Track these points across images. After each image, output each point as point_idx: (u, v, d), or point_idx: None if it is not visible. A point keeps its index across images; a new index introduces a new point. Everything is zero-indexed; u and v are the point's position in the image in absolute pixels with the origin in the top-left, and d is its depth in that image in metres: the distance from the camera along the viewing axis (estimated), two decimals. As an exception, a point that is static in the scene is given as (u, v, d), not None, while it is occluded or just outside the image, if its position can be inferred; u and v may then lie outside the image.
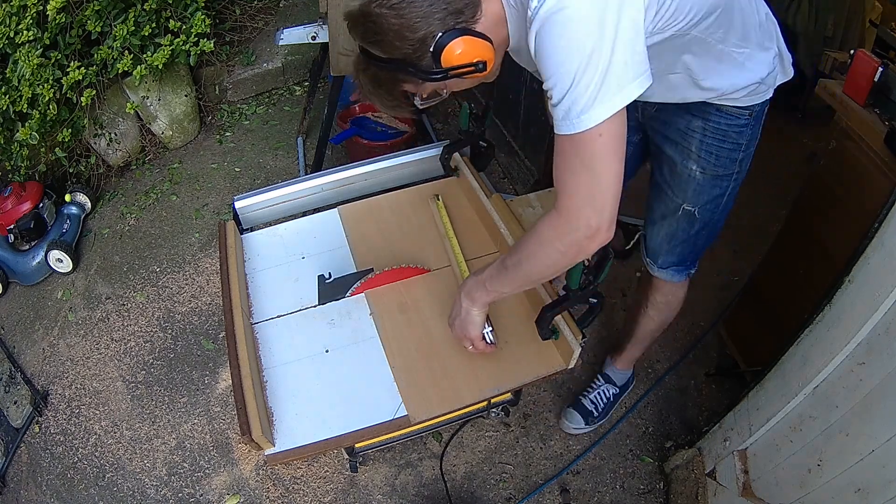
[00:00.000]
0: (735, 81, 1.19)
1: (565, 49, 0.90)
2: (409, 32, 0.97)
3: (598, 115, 0.90)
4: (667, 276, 1.57)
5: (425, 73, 1.01)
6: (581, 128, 0.92)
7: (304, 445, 1.15)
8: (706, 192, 1.36)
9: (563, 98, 0.92)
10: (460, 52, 0.98)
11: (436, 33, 0.97)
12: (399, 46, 0.98)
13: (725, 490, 1.48)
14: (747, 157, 1.33)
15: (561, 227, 1.00)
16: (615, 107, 0.91)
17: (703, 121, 1.28)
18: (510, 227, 1.42)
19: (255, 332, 1.33)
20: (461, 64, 0.99)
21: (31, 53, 2.30)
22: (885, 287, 1.01)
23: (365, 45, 1.02)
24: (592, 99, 0.90)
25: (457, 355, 1.27)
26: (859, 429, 1.07)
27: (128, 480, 1.92)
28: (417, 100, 1.09)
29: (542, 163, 2.37)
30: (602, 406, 1.91)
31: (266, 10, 3.35)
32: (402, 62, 1.00)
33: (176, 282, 2.43)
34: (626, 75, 0.91)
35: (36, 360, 2.28)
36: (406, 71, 1.01)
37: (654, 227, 1.51)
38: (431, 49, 0.98)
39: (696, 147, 1.31)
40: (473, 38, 0.98)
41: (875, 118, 1.38)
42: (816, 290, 1.24)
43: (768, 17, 1.21)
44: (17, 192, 2.50)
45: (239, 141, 3.01)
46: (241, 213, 1.55)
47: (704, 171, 1.33)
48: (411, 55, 0.99)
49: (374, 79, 1.07)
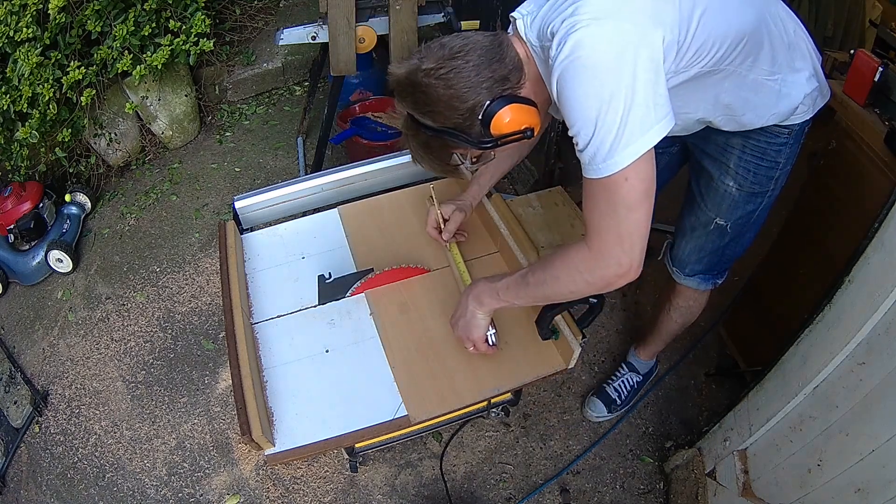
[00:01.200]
0: (775, 111, 1.18)
1: (584, 96, 0.90)
2: (458, 102, 0.99)
3: (623, 161, 0.91)
4: (693, 283, 1.57)
5: (476, 141, 1.03)
6: (607, 173, 0.92)
7: (304, 445, 1.15)
8: (740, 207, 1.36)
9: (587, 144, 0.92)
10: (509, 119, 1.00)
11: (484, 102, 0.99)
12: (449, 116, 1.00)
13: (725, 490, 1.48)
14: (784, 174, 1.32)
15: (591, 262, 1.00)
16: (639, 151, 0.90)
17: (742, 138, 1.27)
18: (510, 227, 1.42)
19: (255, 332, 1.33)
20: (511, 132, 1.01)
21: (30, 52, 2.30)
22: (885, 287, 1.01)
23: (418, 117, 1.04)
24: (616, 144, 0.90)
25: (457, 355, 1.27)
26: (859, 429, 1.07)
27: (128, 480, 1.92)
28: (468, 163, 1.11)
29: (543, 163, 2.37)
30: (625, 394, 1.93)
31: (266, 10, 3.35)
32: (452, 131, 1.02)
33: (176, 282, 2.43)
34: (648, 118, 0.90)
35: (36, 360, 2.28)
36: (457, 138, 1.03)
37: (685, 237, 1.51)
38: (480, 117, 1.00)
39: (735, 164, 1.31)
40: (520, 106, 1.00)
41: (875, 118, 1.38)
42: (816, 290, 1.24)
43: (797, 34, 1.18)
44: (17, 192, 2.50)
45: (239, 141, 3.01)
46: (241, 213, 1.55)
47: (741, 188, 1.33)
48: (461, 124, 1.01)
49: (424, 145, 1.09)
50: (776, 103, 1.17)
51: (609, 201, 0.95)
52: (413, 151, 1.12)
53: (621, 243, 0.96)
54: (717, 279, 1.56)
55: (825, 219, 1.55)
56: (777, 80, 1.14)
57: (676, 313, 1.69)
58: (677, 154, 1.47)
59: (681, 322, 1.71)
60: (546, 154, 2.31)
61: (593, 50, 0.88)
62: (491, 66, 1.00)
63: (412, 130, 1.07)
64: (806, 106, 1.21)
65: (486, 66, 0.99)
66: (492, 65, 1.00)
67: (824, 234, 1.55)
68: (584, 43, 0.89)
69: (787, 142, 1.26)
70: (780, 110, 1.19)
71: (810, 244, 1.61)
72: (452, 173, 1.16)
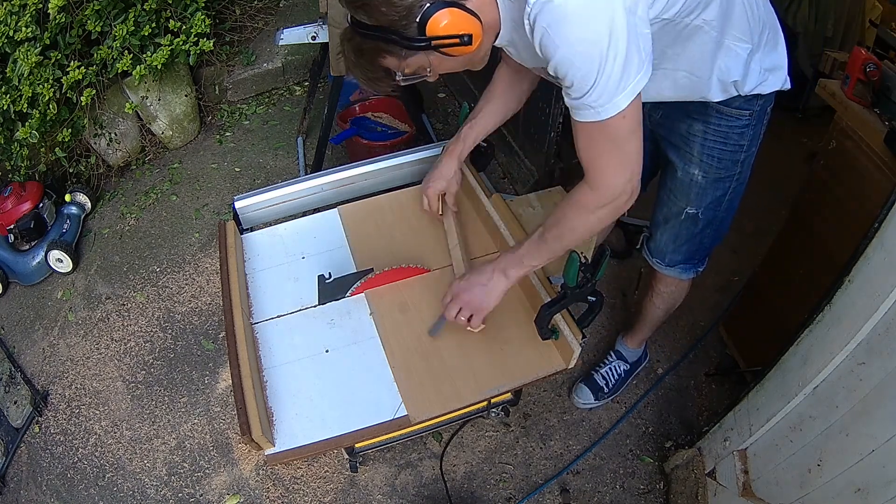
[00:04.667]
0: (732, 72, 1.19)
1: (579, 43, 0.92)
2: None
3: (622, 102, 0.96)
4: (675, 273, 1.59)
5: (408, 40, 0.99)
6: (607, 115, 0.97)
7: (304, 445, 1.15)
8: (709, 194, 1.38)
9: (586, 92, 0.95)
10: (446, 23, 0.97)
11: (424, 3, 0.96)
12: (385, 13, 0.97)
13: (725, 490, 1.48)
14: (749, 157, 1.34)
15: (599, 199, 1.07)
16: (635, 91, 0.96)
17: (703, 124, 1.29)
18: (510, 226, 1.42)
19: (255, 332, 1.33)
20: (446, 34, 0.98)
21: (30, 52, 2.30)
22: (885, 287, 1.01)
23: (352, 12, 1.01)
24: (615, 89, 0.94)
25: (457, 355, 1.27)
26: (859, 429, 1.07)
27: (128, 480, 1.92)
28: (399, 74, 1.07)
29: (542, 163, 2.37)
30: (613, 382, 1.94)
31: (266, 10, 3.35)
32: (386, 30, 0.99)
33: (176, 282, 2.43)
34: (638, 60, 0.95)
35: (36, 360, 2.28)
36: (389, 40, 1.00)
37: (659, 229, 1.54)
38: (418, 19, 0.97)
39: (698, 151, 1.33)
40: (461, 12, 0.98)
41: (875, 118, 1.38)
42: (816, 290, 1.24)
43: (769, 13, 1.21)
44: (17, 192, 2.50)
45: (239, 141, 3.01)
46: (241, 213, 1.55)
47: (707, 175, 1.35)
48: (397, 22, 0.98)
49: (357, 48, 1.05)
50: (737, 67, 1.18)
51: (609, 139, 1.01)
52: (346, 58, 1.09)
53: (624, 172, 1.04)
54: (697, 267, 1.59)
55: (825, 219, 1.55)
56: (746, 48, 1.16)
57: (659, 300, 1.71)
58: (652, 154, 1.47)
59: (664, 308, 1.73)
60: (546, 154, 2.31)
61: None
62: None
63: (349, 34, 1.05)
64: (756, 74, 1.20)
65: None
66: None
67: (824, 235, 1.55)
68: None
69: (750, 123, 1.28)
70: (723, 65, 1.18)
71: (810, 244, 1.61)
72: (383, 86, 1.12)
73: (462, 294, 1.25)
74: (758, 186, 2.23)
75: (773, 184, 2.38)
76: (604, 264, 1.15)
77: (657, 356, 2.09)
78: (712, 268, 2.26)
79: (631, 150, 1.03)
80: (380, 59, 1.05)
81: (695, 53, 1.16)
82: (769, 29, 1.21)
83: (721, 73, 1.19)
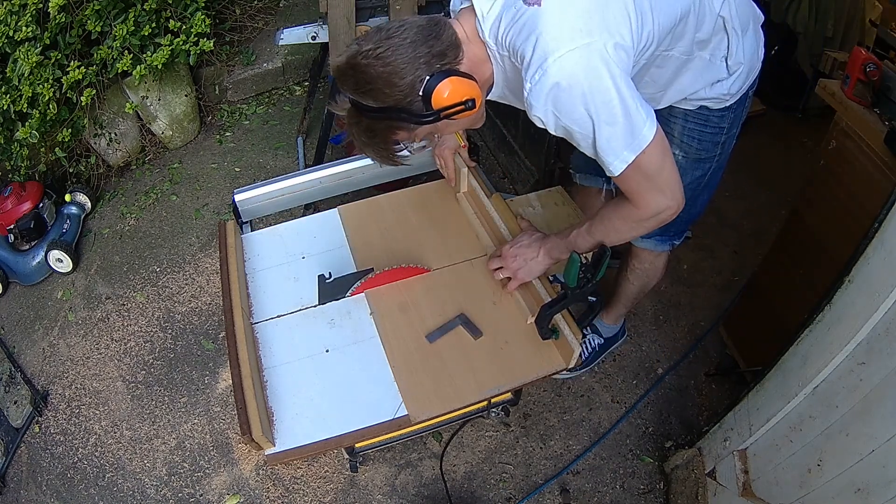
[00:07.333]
0: (705, 79, 1.24)
1: (583, 114, 1.00)
2: (397, 79, 1.01)
3: (640, 144, 1.02)
4: (650, 245, 1.61)
5: (418, 116, 1.04)
6: (634, 155, 1.03)
7: (304, 445, 1.15)
8: (688, 174, 1.39)
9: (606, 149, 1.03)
10: (449, 92, 1.02)
11: (423, 77, 1.01)
12: (390, 94, 1.02)
13: (725, 490, 1.48)
14: (730, 139, 1.37)
15: (643, 215, 1.13)
16: (651, 131, 1.03)
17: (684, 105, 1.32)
18: (510, 227, 1.42)
19: (255, 332, 1.33)
20: (451, 104, 1.03)
21: (30, 52, 2.30)
22: (885, 287, 1.01)
23: (356, 97, 1.05)
24: (629, 134, 1.01)
25: (457, 355, 1.27)
26: (859, 429, 1.07)
27: (128, 480, 1.92)
28: (413, 146, 1.12)
29: (543, 163, 2.37)
30: (586, 355, 1.97)
31: (266, 10, 3.35)
32: (394, 109, 1.03)
33: (176, 282, 2.43)
34: (643, 109, 1.02)
35: (36, 360, 2.28)
36: (399, 118, 1.04)
37: None
38: (421, 93, 1.02)
39: (679, 132, 1.35)
40: (460, 78, 1.03)
41: (875, 118, 1.38)
42: (816, 290, 1.24)
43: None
44: (17, 192, 2.50)
45: (239, 141, 3.01)
46: (241, 207, 1.56)
47: (687, 156, 1.38)
48: (402, 101, 1.02)
49: (368, 130, 1.09)
50: (706, 73, 1.23)
51: (642, 175, 1.07)
52: (357, 139, 1.13)
53: (664, 198, 1.09)
54: (674, 240, 1.60)
55: (825, 219, 1.55)
56: (706, 54, 1.21)
57: (633, 275, 1.73)
58: None
59: (638, 285, 1.75)
60: (546, 154, 2.31)
61: (574, 79, 0.96)
62: (427, 42, 1.02)
63: (355, 118, 1.08)
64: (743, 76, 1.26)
65: (422, 42, 1.02)
66: (428, 41, 1.02)
67: (824, 234, 1.55)
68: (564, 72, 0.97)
69: (730, 106, 1.30)
70: (708, 79, 1.24)
71: (810, 244, 1.60)
72: (396, 160, 1.15)
73: (510, 261, 1.32)
74: (758, 186, 2.24)
75: (773, 184, 2.38)
76: (604, 265, 1.15)
77: (657, 356, 2.09)
78: (712, 268, 2.29)
79: (665, 175, 1.08)
80: (392, 136, 1.09)
81: (684, 80, 1.22)
82: (753, 19, 1.25)
83: (710, 90, 1.25)
